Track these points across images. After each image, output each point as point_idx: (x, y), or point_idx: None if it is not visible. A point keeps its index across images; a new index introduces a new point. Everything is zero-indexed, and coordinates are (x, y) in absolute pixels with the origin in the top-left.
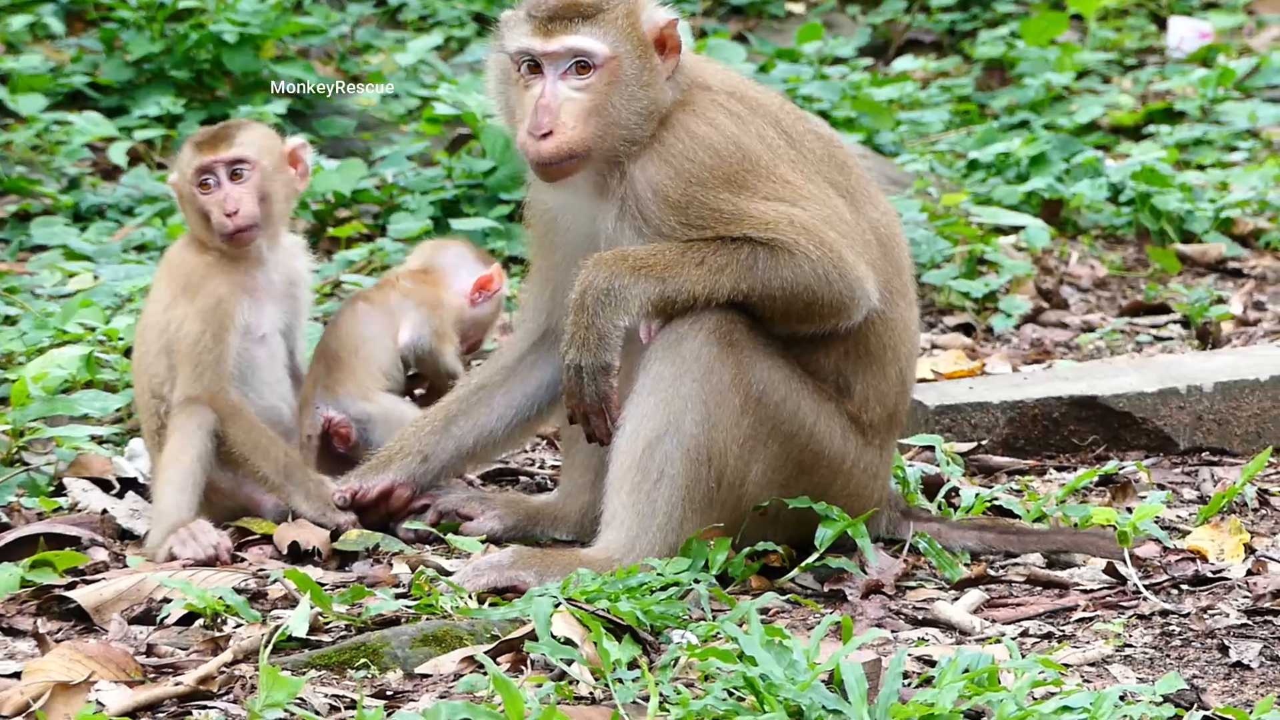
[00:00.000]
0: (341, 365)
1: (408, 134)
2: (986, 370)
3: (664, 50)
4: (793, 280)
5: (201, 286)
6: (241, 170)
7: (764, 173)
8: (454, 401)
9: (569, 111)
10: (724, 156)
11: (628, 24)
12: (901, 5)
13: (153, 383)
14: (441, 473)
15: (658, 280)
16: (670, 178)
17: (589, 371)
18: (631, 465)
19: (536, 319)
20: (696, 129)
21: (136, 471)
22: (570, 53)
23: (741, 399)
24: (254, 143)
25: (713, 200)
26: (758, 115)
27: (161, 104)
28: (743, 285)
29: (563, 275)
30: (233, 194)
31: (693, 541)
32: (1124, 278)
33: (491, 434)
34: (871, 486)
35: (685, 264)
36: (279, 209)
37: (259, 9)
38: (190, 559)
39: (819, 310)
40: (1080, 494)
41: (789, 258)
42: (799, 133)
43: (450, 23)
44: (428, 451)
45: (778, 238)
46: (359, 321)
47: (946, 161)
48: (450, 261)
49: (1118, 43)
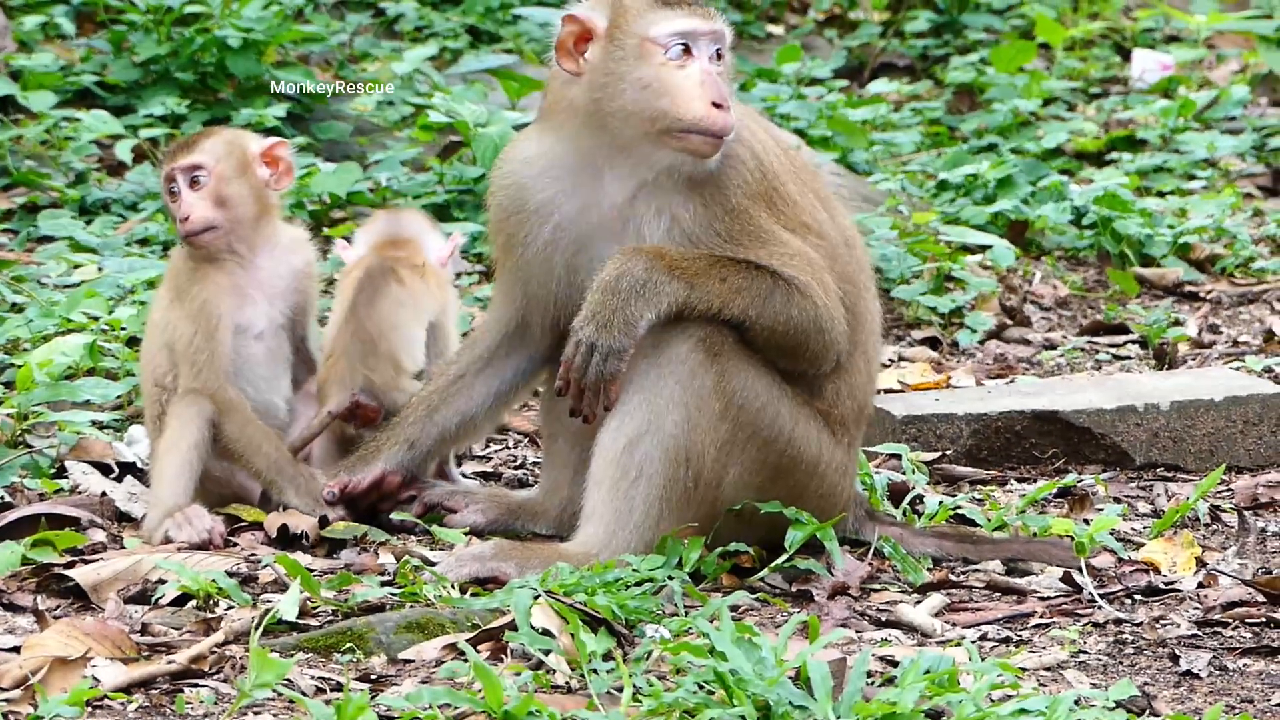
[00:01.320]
0: (377, 352)
1: (402, 140)
2: (952, 383)
3: None
4: (797, 321)
5: (189, 289)
6: (200, 177)
7: (781, 190)
8: (434, 393)
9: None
10: (754, 170)
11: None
12: (877, 30)
13: (156, 373)
14: (428, 456)
15: (687, 285)
16: (719, 185)
17: (603, 352)
18: (612, 463)
19: (509, 310)
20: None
21: (135, 456)
22: (719, 35)
23: (722, 404)
24: (212, 149)
25: (754, 215)
26: (751, 119)
27: (166, 104)
28: (752, 311)
29: (538, 270)
30: (186, 200)
31: (668, 539)
32: (1085, 298)
33: (473, 419)
34: (841, 484)
35: (712, 276)
36: (244, 210)
37: (262, 15)
38: (185, 542)
39: (804, 353)
40: (1040, 505)
41: (800, 298)
42: (781, 138)
43: (445, 34)
44: (414, 439)
45: (797, 277)
46: (395, 305)
47: (917, 181)
48: (415, 230)
49: (1083, 72)
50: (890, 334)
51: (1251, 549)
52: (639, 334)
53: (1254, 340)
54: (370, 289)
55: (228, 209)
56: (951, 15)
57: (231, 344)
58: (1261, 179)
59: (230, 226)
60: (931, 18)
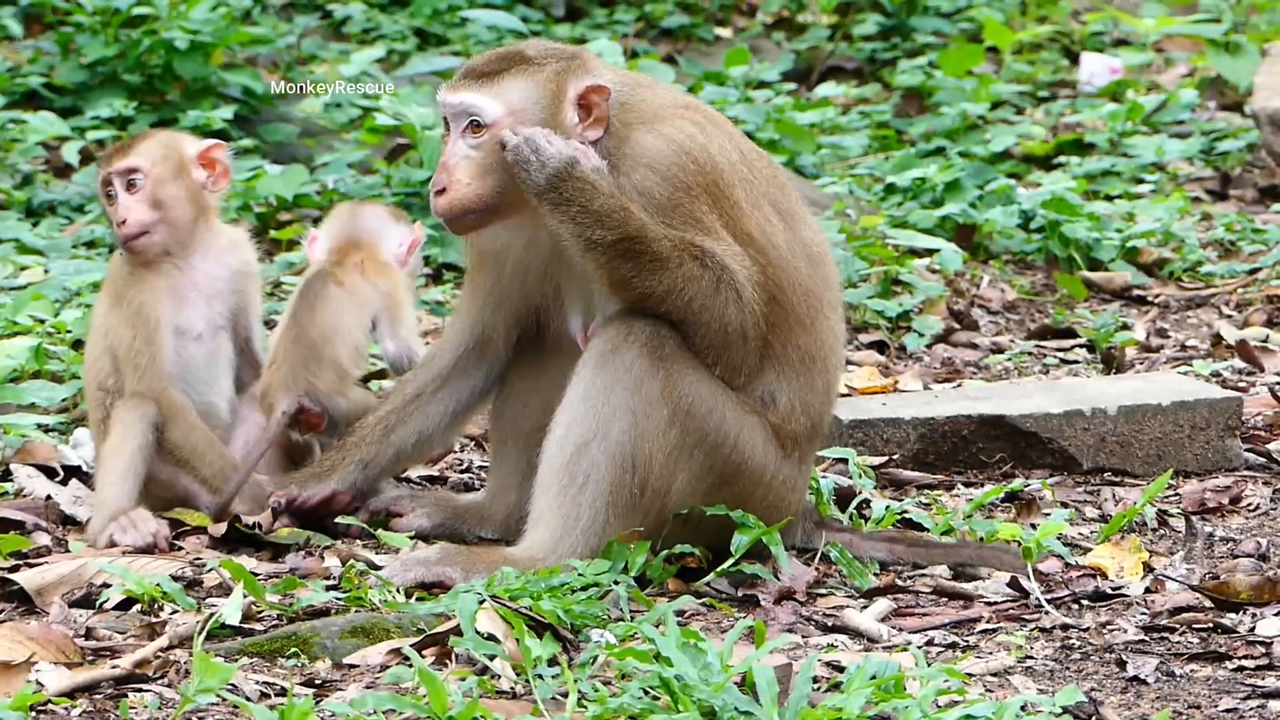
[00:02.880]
0: (320, 358)
1: (349, 142)
2: (899, 387)
3: (588, 117)
4: (734, 323)
5: (126, 293)
6: (136, 180)
7: (727, 190)
8: (391, 412)
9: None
10: (700, 163)
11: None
12: (825, 33)
13: (99, 377)
14: (380, 476)
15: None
16: (656, 181)
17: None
18: (560, 469)
19: (472, 329)
20: (673, 135)
21: (80, 460)
22: (460, 109)
23: (670, 410)
24: (148, 152)
25: (694, 208)
26: (713, 125)
27: (114, 106)
28: (694, 305)
29: (508, 288)
30: (123, 203)
31: (614, 544)
32: (1033, 302)
33: (429, 438)
34: (789, 499)
35: (671, 258)
36: (180, 212)
37: (210, 18)
38: (130, 546)
39: (726, 359)
40: (987, 509)
41: (738, 301)
42: (747, 148)
43: (393, 36)
44: (368, 459)
45: (737, 276)
46: (336, 310)
47: (865, 185)
48: (374, 226)
49: (1031, 76)
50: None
51: (1199, 554)
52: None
53: (1202, 345)
54: (310, 294)
55: (164, 211)
56: (900, 19)
57: (172, 346)
58: (1210, 183)
59: (167, 229)
60: (880, 21)
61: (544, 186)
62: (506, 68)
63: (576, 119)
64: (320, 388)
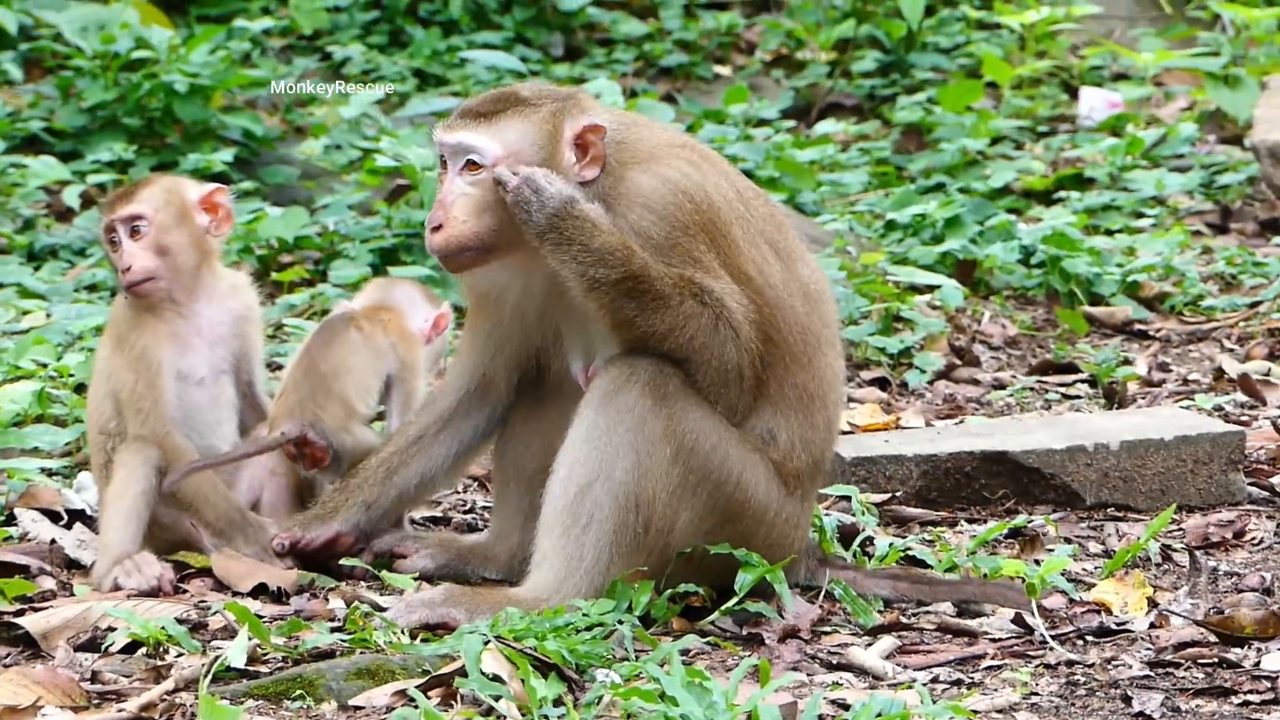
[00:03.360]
0: (329, 391)
1: (349, 184)
2: (901, 424)
3: (585, 156)
4: (733, 361)
5: (128, 337)
6: (140, 226)
7: (724, 229)
8: (394, 454)
9: (461, 207)
10: (697, 202)
11: (540, 124)
12: (824, 70)
13: (101, 420)
14: (384, 517)
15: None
16: (653, 221)
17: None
18: (563, 509)
19: (473, 371)
20: (668, 175)
21: (84, 504)
22: (458, 148)
23: (673, 450)
24: (151, 199)
25: (692, 247)
26: (708, 163)
27: (114, 150)
28: (698, 339)
29: (508, 330)
30: (127, 250)
31: (618, 584)
32: (1034, 337)
33: (432, 479)
34: (793, 536)
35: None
36: (184, 258)
37: (209, 61)
38: (134, 589)
39: (724, 395)
40: (990, 546)
41: (734, 338)
42: (743, 186)
43: (392, 77)
44: (371, 500)
45: (736, 315)
46: (351, 350)
47: (865, 222)
48: (404, 300)
49: (1031, 111)
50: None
51: (1203, 589)
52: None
53: (1204, 379)
54: (328, 330)
55: (168, 258)
56: (899, 55)
57: (174, 391)
58: (1210, 216)
59: (171, 275)
60: (879, 58)
61: (545, 226)
62: (503, 108)
63: (574, 159)
64: (326, 421)
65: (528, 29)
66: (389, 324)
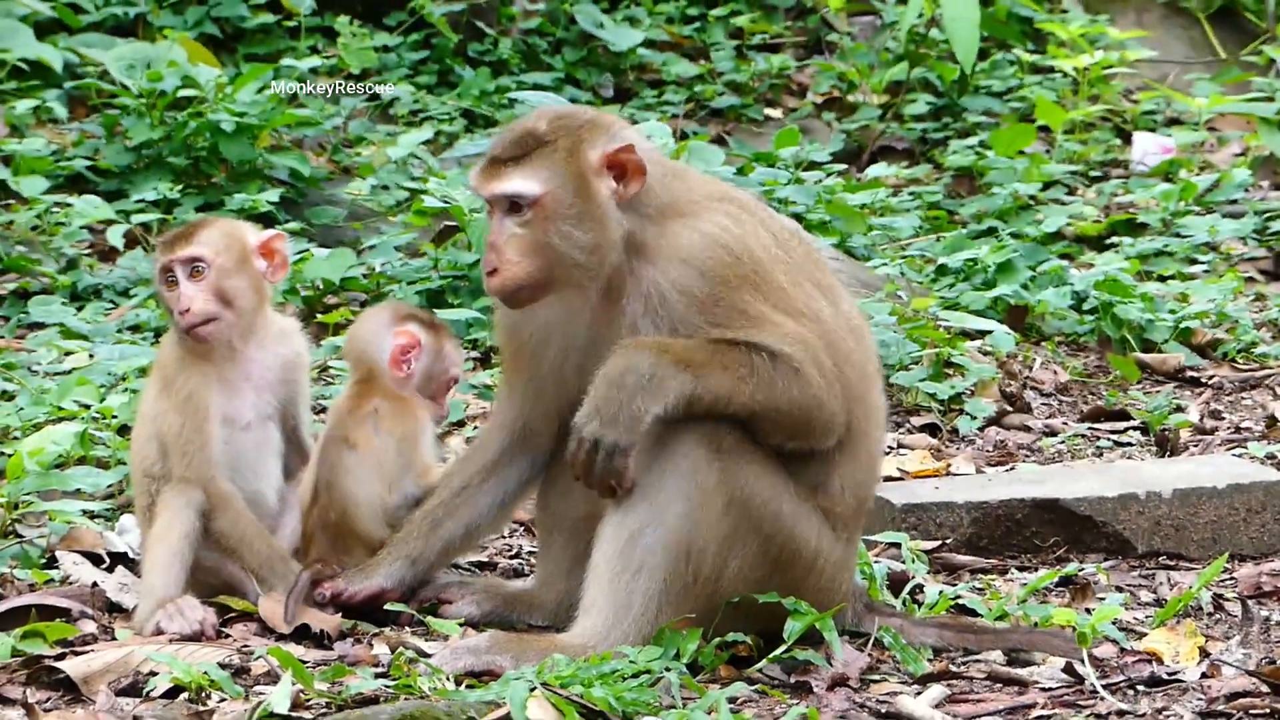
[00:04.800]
0: (345, 537)
1: (396, 225)
2: (951, 471)
3: (624, 175)
4: (799, 400)
5: (176, 380)
6: (200, 268)
7: (768, 276)
8: (439, 506)
9: (513, 248)
10: (739, 256)
11: (565, 159)
12: (875, 113)
13: (145, 463)
14: (429, 571)
15: (694, 377)
16: (694, 277)
17: (608, 448)
18: (613, 556)
19: (513, 423)
20: (709, 230)
21: (126, 546)
22: (496, 198)
23: (725, 500)
24: (212, 241)
25: (738, 300)
26: (747, 213)
27: (159, 189)
28: (759, 396)
29: (546, 382)
30: (186, 292)
31: (665, 631)
32: (1086, 384)
33: (478, 529)
34: (839, 580)
35: (714, 364)
36: (244, 302)
37: (256, 100)
38: (176, 634)
39: (808, 431)
40: (1041, 594)
41: (798, 378)
42: (779, 231)
43: (440, 118)
44: (416, 555)
45: (793, 355)
46: (353, 480)
47: (916, 266)
48: (370, 342)
49: (1083, 155)
50: (889, 420)
51: (1255, 638)
52: (644, 429)
53: (1257, 426)
54: (327, 464)
55: (228, 302)
56: (951, 99)
57: (220, 435)
58: (1263, 263)
59: (231, 319)
60: (931, 101)
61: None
62: (529, 149)
63: (613, 183)
64: (354, 562)
65: (578, 69)
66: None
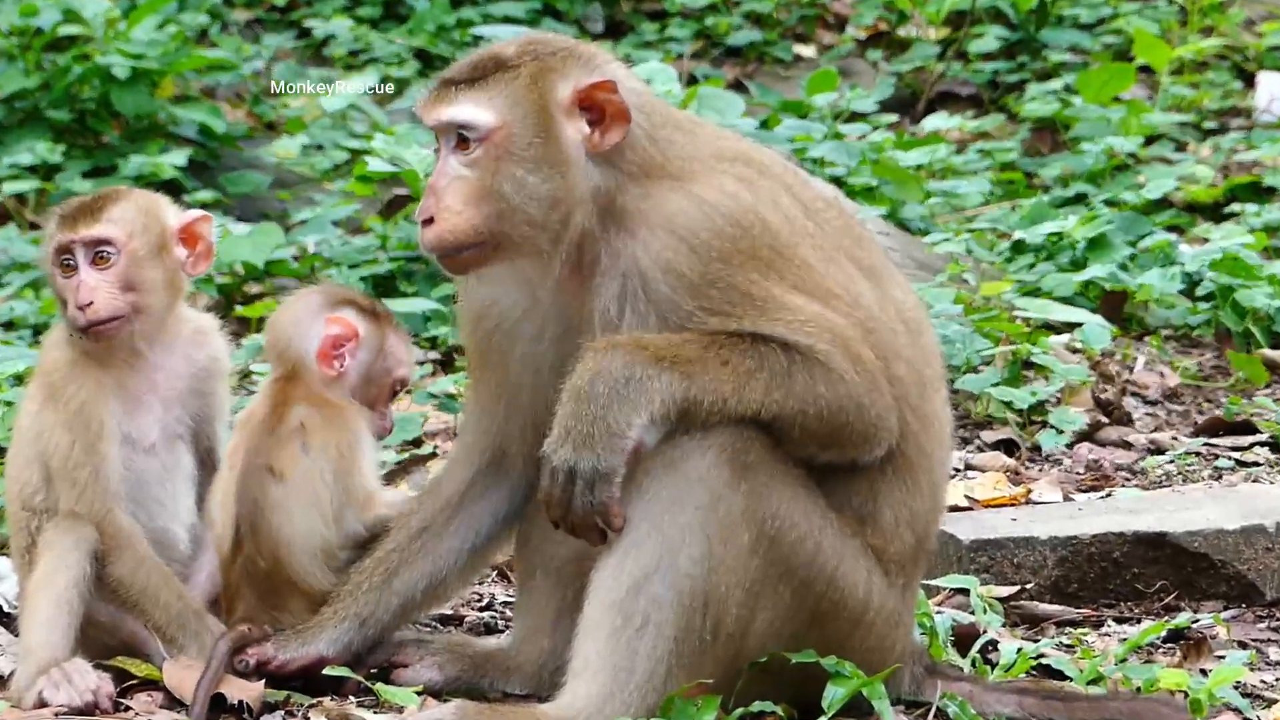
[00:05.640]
0: (277, 588)
1: (333, 194)
2: (1032, 498)
3: (601, 120)
4: (829, 400)
5: (63, 390)
6: (106, 253)
7: (787, 252)
8: (394, 551)
9: (455, 193)
10: (745, 227)
11: (527, 88)
12: (933, 51)
13: (24, 493)
14: (382, 634)
15: (683, 376)
16: (684, 254)
17: (585, 476)
18: (611, 606)
19: (481, 441)
20: (708, 196)
21: (1, 598)
22: (445, 125)
23: (753, 535)
24: (125, 220)
25: (740, 281)
26: (766, 178)
27: (36, 150)
28: (775, 395)
29: (518, 387)
30: (88, 282)
31: (675, 700)
32: (1200, 388)
33: (442, 582)
34: (893, 637)
35: (710, 360)
36: (155, 299)
37: (156, 39)
38: (64, 706)
39: (846, 438)
40: (1145, 651)
41: (826, 373)
42: (810, 199)
43: (387, 59)
44: (366, 615)
45: (815, 346)
46: (280, 520)
47: (986, 242)
48: (293, 328)
49: (1195, 102)
50: (955, 436)
51: None
52: (628, 446)
53: None
54: (247, 503)
55: (138, 295)
56: (1028, 31)
57: (119, 458)
58: None
59: (138, 317)
60: (1002, 34)
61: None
62: (488, 72)
63: (585, 127)
64: (289, 621)
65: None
66: (305, 426)
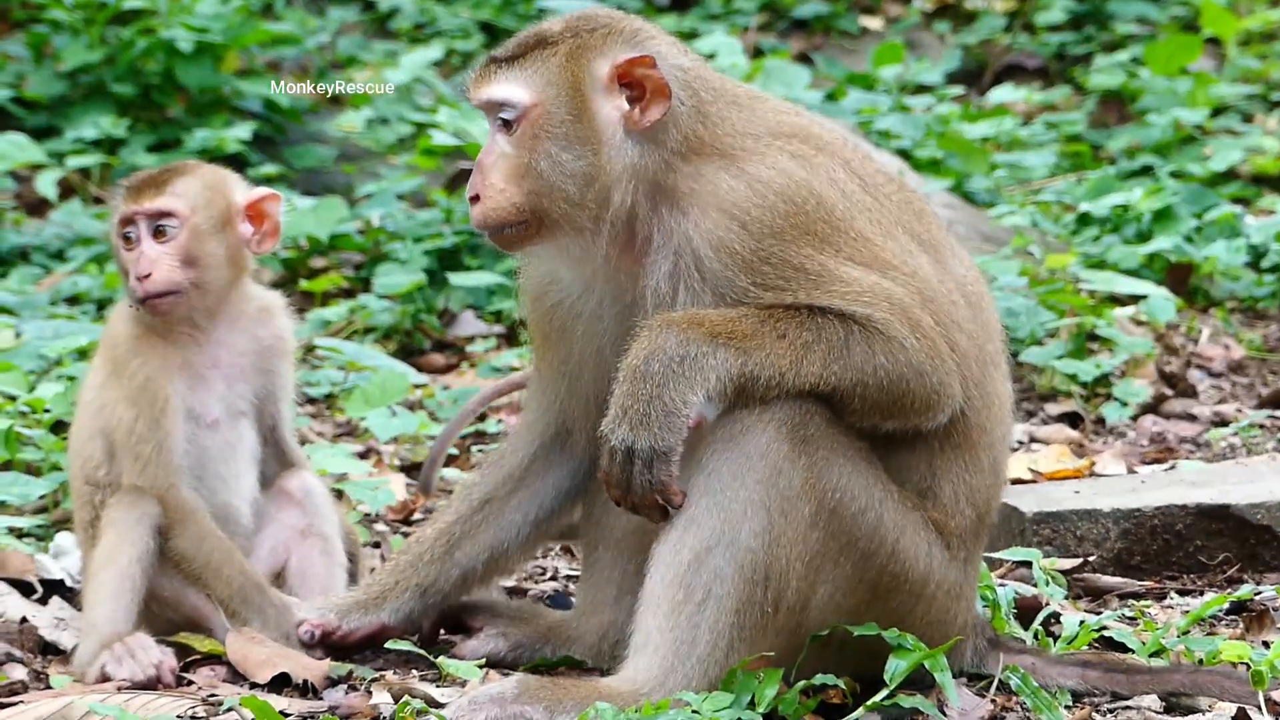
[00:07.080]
0: None
1: (398, 167)
2: (1096, 471)
3: (642, 96)
4: (888, 369)
5: (128, 363)
6: (166, 227)
7: (843, 226)
8: (456, 522)
9: (499, 171)
10: (798, 203)
11: (564, 64)
12: (1000, 23)
13: (87, 467)
14: (443, 604)
15: (739, 351)
16: (736, 231)
17: (644, 455)
18: (673, 581)
19: (545, 417)
20: (760, 174)
21: (64, 572)
22: (490, 104)
23: (813, 508)
24: (189, 193)
25: (794, 255)
26: (824, 154)
27: (100, 125)
28: (834, 367)
29: (580, 363)
30: (148, 253)
31: (738, 673)
32: (1265, 361)
33: (504, 553)
34: (954, 610)
35: (766, 334)
36: (217, 275)
37: (220, 12)
38: (126, 680)
39: (908, 406)
40: (1208, 624)
41: (885, 342)
42: (869, 174)
43: (452, 33)
44: (428, 584)
45: (872, 315)
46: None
47: (1052, 215)
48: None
49: (1263, 73)
50: (1019, 410)
51: None
52: (685, 425)
53: None
54: None
55: (198, 270)
56: (1094, 3)
57: (183, 433)
58: None
59: (198, 293)
60: (1069, 6)
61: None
62: (526, 50)
63: (624, 104)
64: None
65: None
66: None
